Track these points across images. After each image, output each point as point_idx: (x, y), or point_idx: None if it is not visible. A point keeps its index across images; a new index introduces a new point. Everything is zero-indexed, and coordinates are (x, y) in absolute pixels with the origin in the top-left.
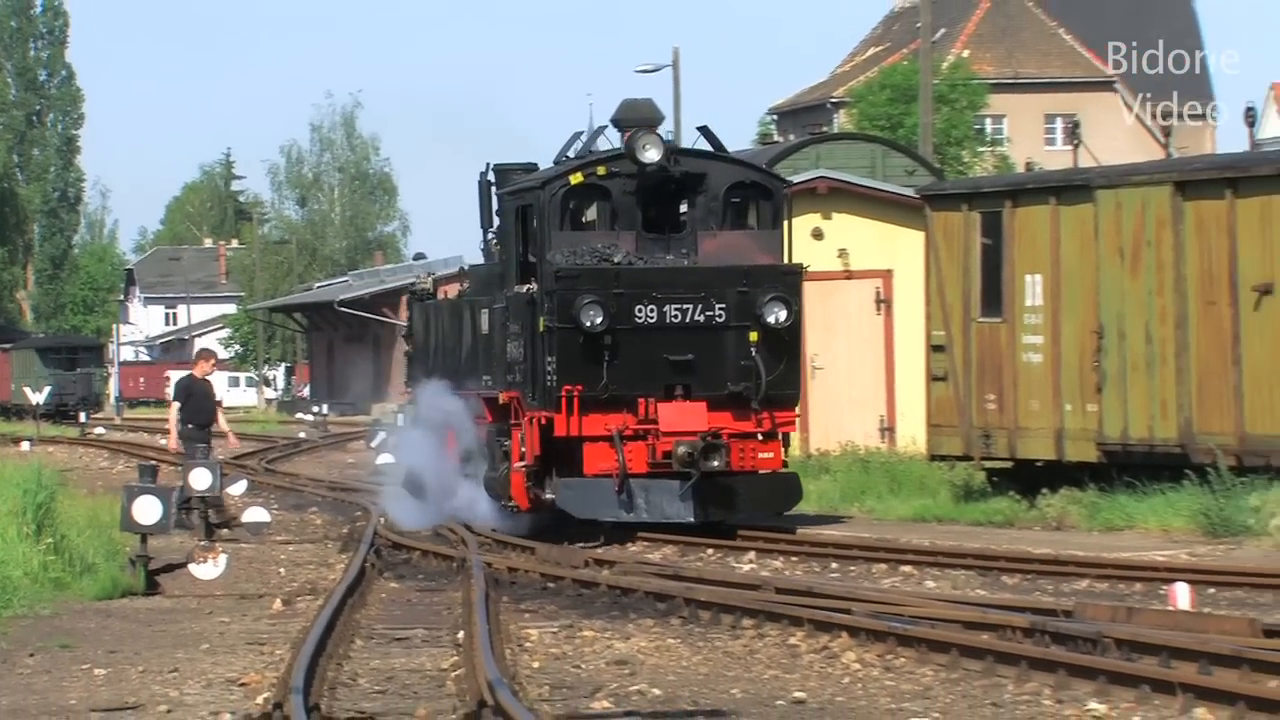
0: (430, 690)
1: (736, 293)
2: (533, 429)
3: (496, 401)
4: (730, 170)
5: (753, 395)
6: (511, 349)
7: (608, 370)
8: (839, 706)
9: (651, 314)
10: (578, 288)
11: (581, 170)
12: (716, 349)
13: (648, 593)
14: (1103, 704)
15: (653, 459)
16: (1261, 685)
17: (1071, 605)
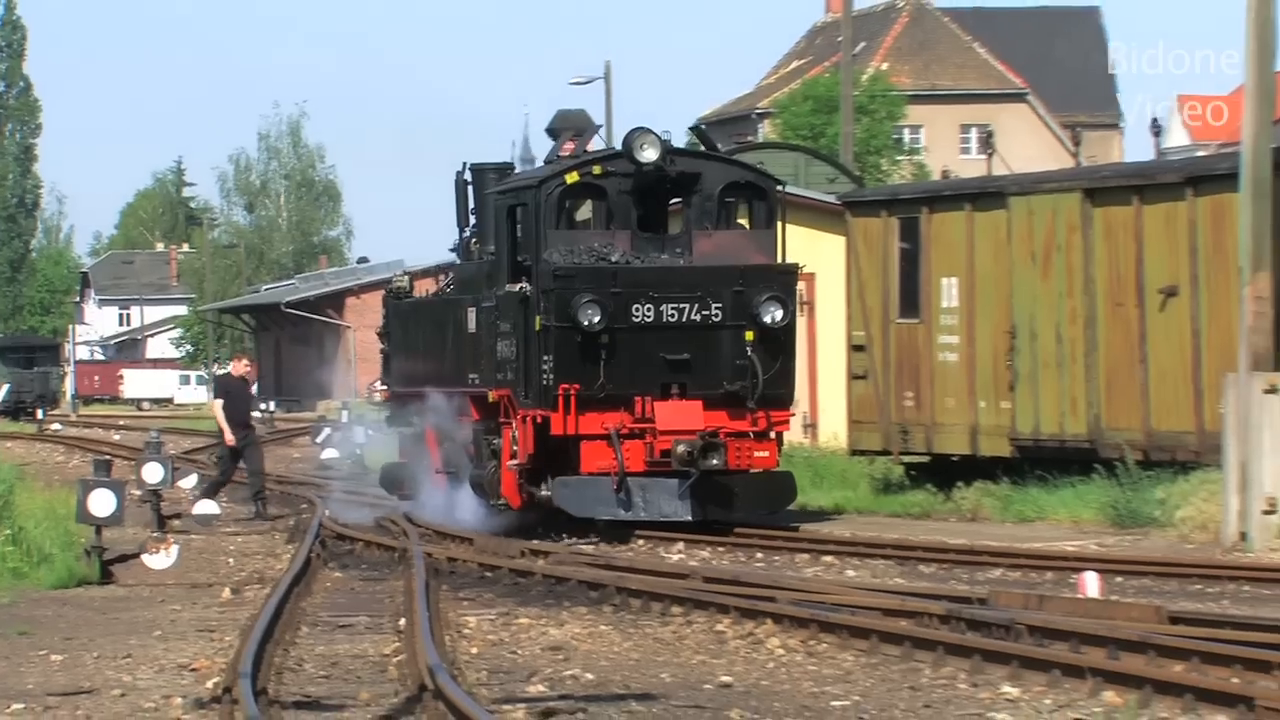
0: (373, 675)
1: (732, 292)
2: (527, 427)
3: (484, 400)
4: (725, 170)
5: (748, 395)
6: (502, 348)
7: (605, 369)
8: (764, 690)
9: (648, 313)
10: (575, 287)
11: (578, 169)
12: (712, 348)
13: (581, 581)
14: (1016, 687)
15: (650, 458)
16: (1167, 670)
17: (986, 593)
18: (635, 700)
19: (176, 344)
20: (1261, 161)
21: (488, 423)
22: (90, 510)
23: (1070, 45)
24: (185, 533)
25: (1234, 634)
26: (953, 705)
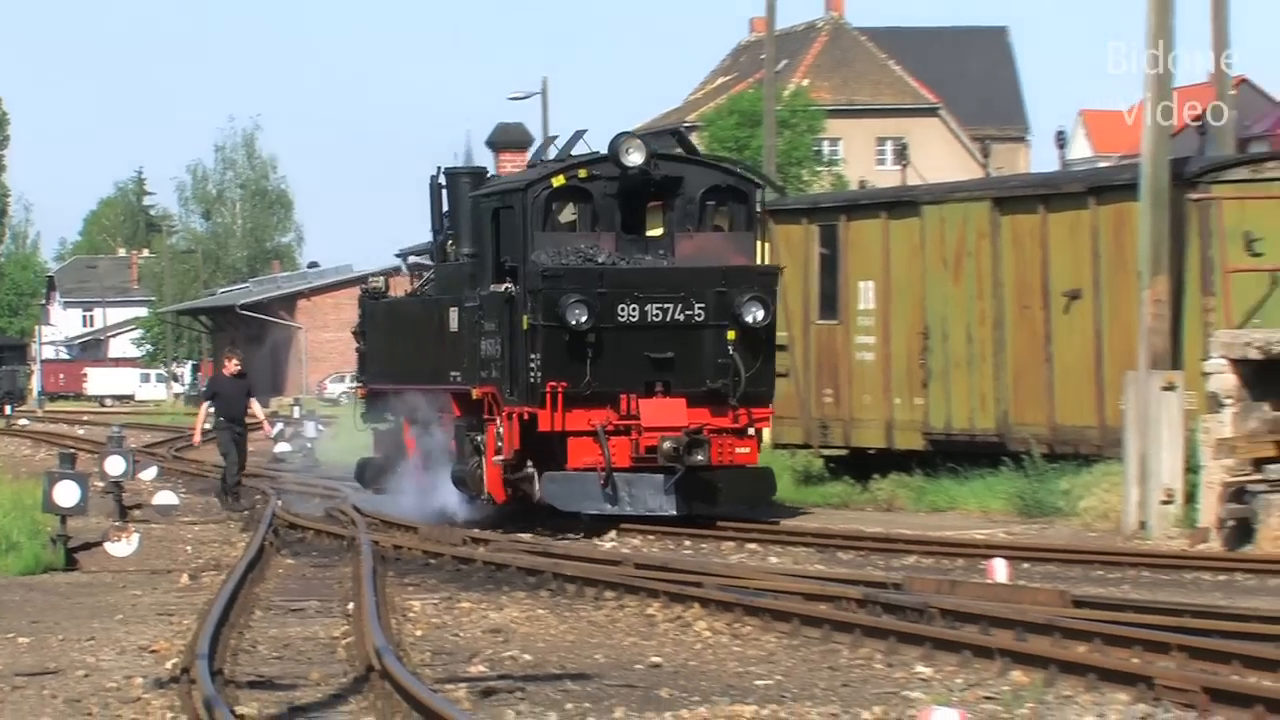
0: (323, 656)
1: (715, 293)
2: (512, 424)
3: (466, 397)
4: (706, 174)
5: (730, 392)
6: (486, 346)
7: (591, 367)
8: (691, 670)
9: (633, 313)
10: (563, 287)
11: (564, 173)
12: (695, 347)
13: (519, 568)
14: (929, 667)
15: (635, 454)
16: (1071, 651)
17: (900, 579)
18: (570, 680)
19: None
20: (1160, 172)
21: (470, 419)
22: (56, 501)
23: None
24: (145, 522)
25: (1134, 617)
26: (869, 684)
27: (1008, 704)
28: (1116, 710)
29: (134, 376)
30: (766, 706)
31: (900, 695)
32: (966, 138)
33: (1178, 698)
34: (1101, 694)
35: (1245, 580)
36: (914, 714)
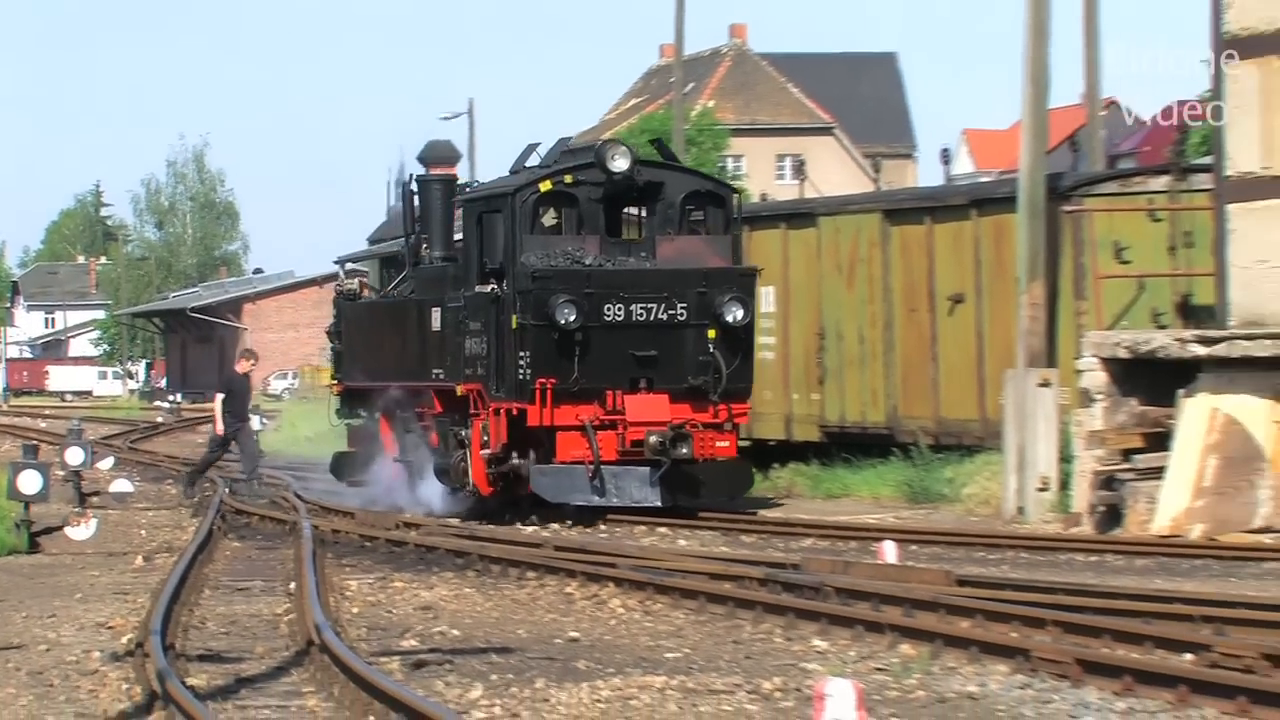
0: (267, 632)
1: (696, 293)
2: (500, 419)
3: (449, 393)
4: (686, 180)
5: (711, 389)
6: (471, 345)
7: (578, 365)
8: (607, 644)
9: (619, 312)
10: (552, 287)
11: (550, 178)
12: (678, 345)
13: (448, 550)
14: (824, 641)
15: (622, 447)
16: (955, 626)
17: (799, 560)
18: (495, 653)
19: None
20: (1036, 187)
21: (453, 415)
22: (19, 488)
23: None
24: (103, 508)
25: (1013, 595)
26: (770, 657)
27: (897, 675)
28: (997, 680)
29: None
30: (675, 678)
31: (798, 667)
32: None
33: (1053, 669)
34: (983, 665)
35: (1114, 561)
36: (811, 684)
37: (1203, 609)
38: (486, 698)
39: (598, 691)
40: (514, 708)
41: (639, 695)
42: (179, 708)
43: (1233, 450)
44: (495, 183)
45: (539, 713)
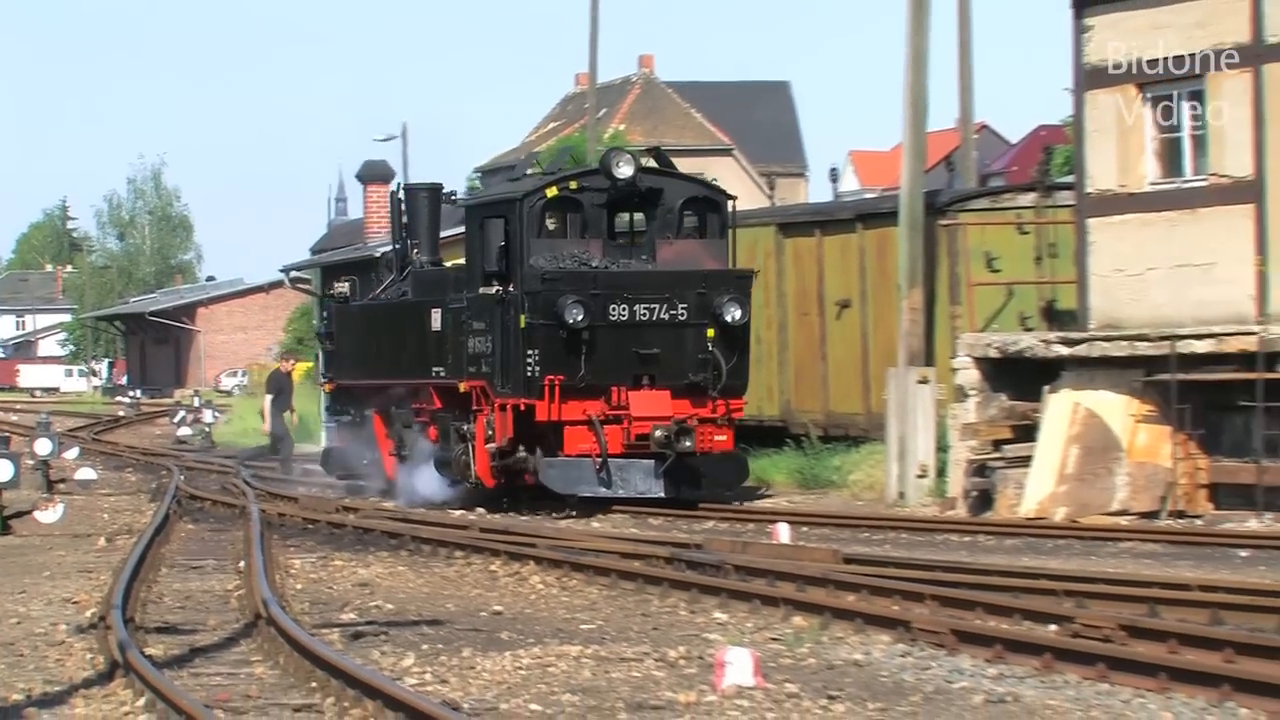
0: (219, 606)
1: (696, 294)
2: (505, 414)
3: (449, 390)
4: (685, 186)
5: (710, 385)
6: (475, 344)
7: (585, 362)
8: (528, 616)
9: (623, 312)
10: (560, 289)
11: (556, 185)
12: (678, 344)
13: (383, 531)
14: (725, 613)
15: (627, 441)
16: (842, 599)
17: (701, 540)
18: (426, 625)
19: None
20: (915, 203)
21: (453, 410)
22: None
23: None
24: (69, 494)
25: (895, 571)
26: (675, 628)
27: (790, 644)
28: (880, 649)
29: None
30: (590, 647)
31: (701, 637)
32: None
33: (931, 638)
34: (868, 635)
35: (986, 541)
36: (713, 653)
37: (1066, 584)
38: (418, 665)
39: (519, 660)
40: (443, 674)
41: (556, 663)
42: (138, 675)
43: (1092, 441)
44: (500, 189)
45: (466, 679)
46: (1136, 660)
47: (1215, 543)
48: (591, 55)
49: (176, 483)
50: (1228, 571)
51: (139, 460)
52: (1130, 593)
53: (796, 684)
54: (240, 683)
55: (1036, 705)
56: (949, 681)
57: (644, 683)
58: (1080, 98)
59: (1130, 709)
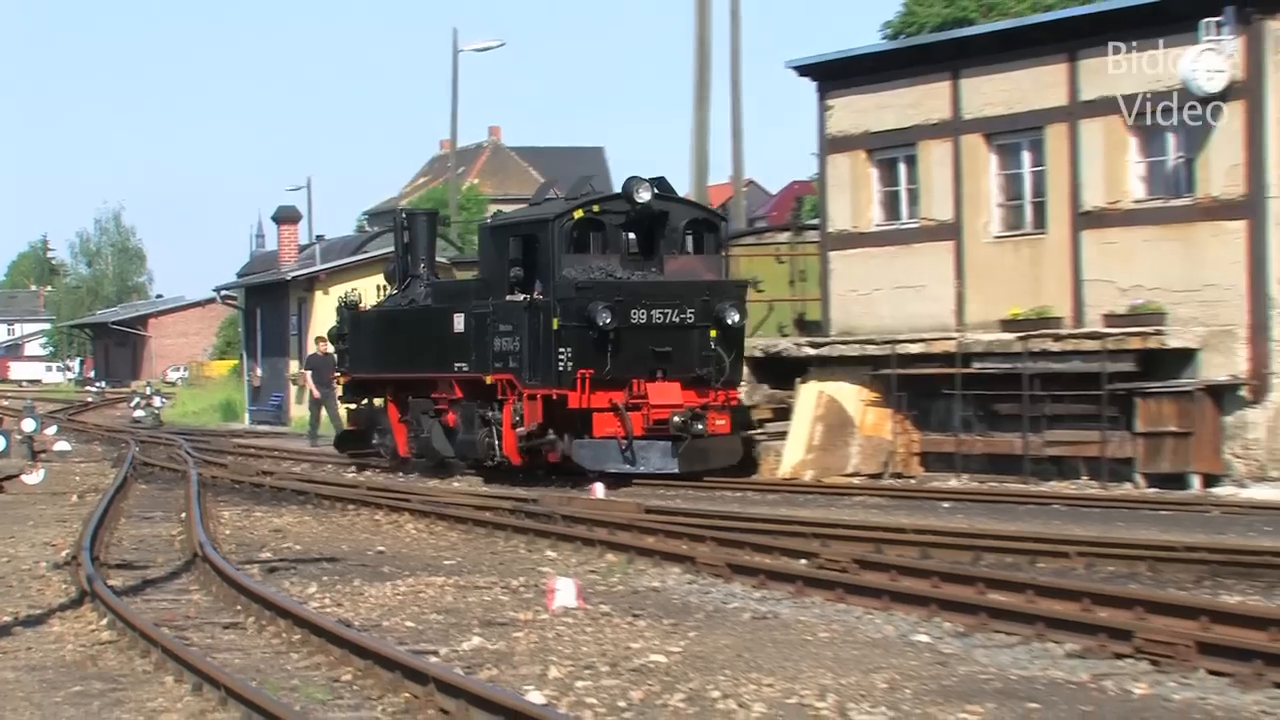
0: (166, 548)
1: (701, 300)
2: (535, 403)
3: (471, 382)
4: (687, 210)
5: (714, 378)
6: (501, 343)
7: (611, 358)
8: (404, 555)
9: (642, 316)
10: (591, 296)
11: (582, 207)
12: (686, 343)
13: (293, 490)
14: (554, 552)
15: (646, 425)
16: (643, 541)
17: (537, 496)
18: (325, 561)
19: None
20: None
21: (476, 400)
22: None
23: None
24: (49, 462)
25: (684, 519)
26: (517, 563)
27: (604, 575)
28: (673, 578)
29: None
30: (451, 577)
31: (536, 570)
32: None
33: (711, 570)
34: (663, 568)
35: (753, 496)
36: (545, 582)
37: (813, 529)
38: (319, 592)
39: (397, 588)
40: (338, 599)
41: (426, 590)
42: (102, 601)
43: (833, 420)
44: (531, 212)
45: (356, 603)
46: (866, 586)
47: (925, 497)
48: (452, 125)
49: (133, 453)
50: (934, 518)
51: (104, 435)
52: (862, 535)
53: (609, 605)
54: (181, 607)
55: (791, 620)
56: (725, 603)
57: (493, 605)
58: (823, 159)
59: (861, 623)
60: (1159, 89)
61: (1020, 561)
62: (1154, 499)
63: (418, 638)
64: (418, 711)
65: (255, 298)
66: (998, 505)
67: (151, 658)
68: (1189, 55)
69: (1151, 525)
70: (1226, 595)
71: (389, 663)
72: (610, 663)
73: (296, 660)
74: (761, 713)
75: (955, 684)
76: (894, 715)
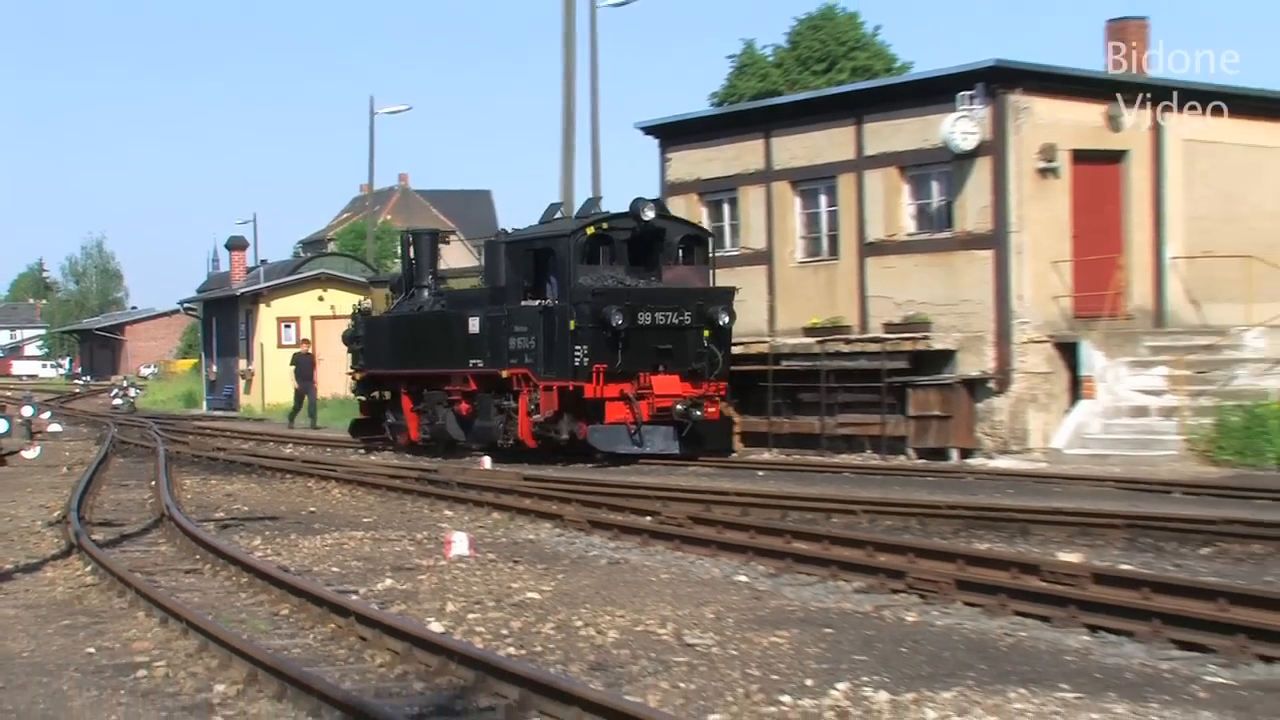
0: (139, 510)
1: (697, 304)
2: (551, 393)
3: (489, 377)
4: (681, 227)
5: (707, 371)
6: (516, 342)
7: (621, 354)
8: (331, 514)
9: (647, 318)
10: (605, 300)
11: (594, 224)
12: (684, 341)
13: (242, 463)
14: (451, 511)
15: (651, 412)
16: (521, 502)
17: (437, 467)
18: (267, 520)
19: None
20: None
21: (490, 392)
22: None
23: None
24: (44, 441)
25: (554, 485)
26: (421, 520)
27: (491, 530)
28: (545, 532)
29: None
30: (369, 532)
31: (437, 525)
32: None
33: (576, 526)
34: (538, 525)
35: (609, 467)
36: (443, 535)
37: (657, 492)
38: (262, 544)
39: (325, 540)
40: (278, 549)
41: (348, 542)
42: (87, 552)
43: None
44: (545, 228)
45: (292, 552)
46: (698, 537)
47: (744, 467)
48: (370, 172)
49: (112, 434)
50: (752, 484)
51: (88, 420)
52: (695, 497)
53: (494, 554)
54: (151, 556)
55: (639, 565)
56: (586, 551)
57: (402, 554)
58: (664, 200)
59: (695, 567)
60: (926, 147)
61: (818, 517)
62: (922, 468)
63: (342, 580)
64: (341, 638)
65: (211, 309)
66: (801, 473)
67: (127, 597)
68: (948, 121)
69: (920, 489)
70: (978, 543)
71: (318, 600)
72: (495, 599)
73: (244, 599)
74: (615, 638)
75: (768, 614)
76: (720, 639)
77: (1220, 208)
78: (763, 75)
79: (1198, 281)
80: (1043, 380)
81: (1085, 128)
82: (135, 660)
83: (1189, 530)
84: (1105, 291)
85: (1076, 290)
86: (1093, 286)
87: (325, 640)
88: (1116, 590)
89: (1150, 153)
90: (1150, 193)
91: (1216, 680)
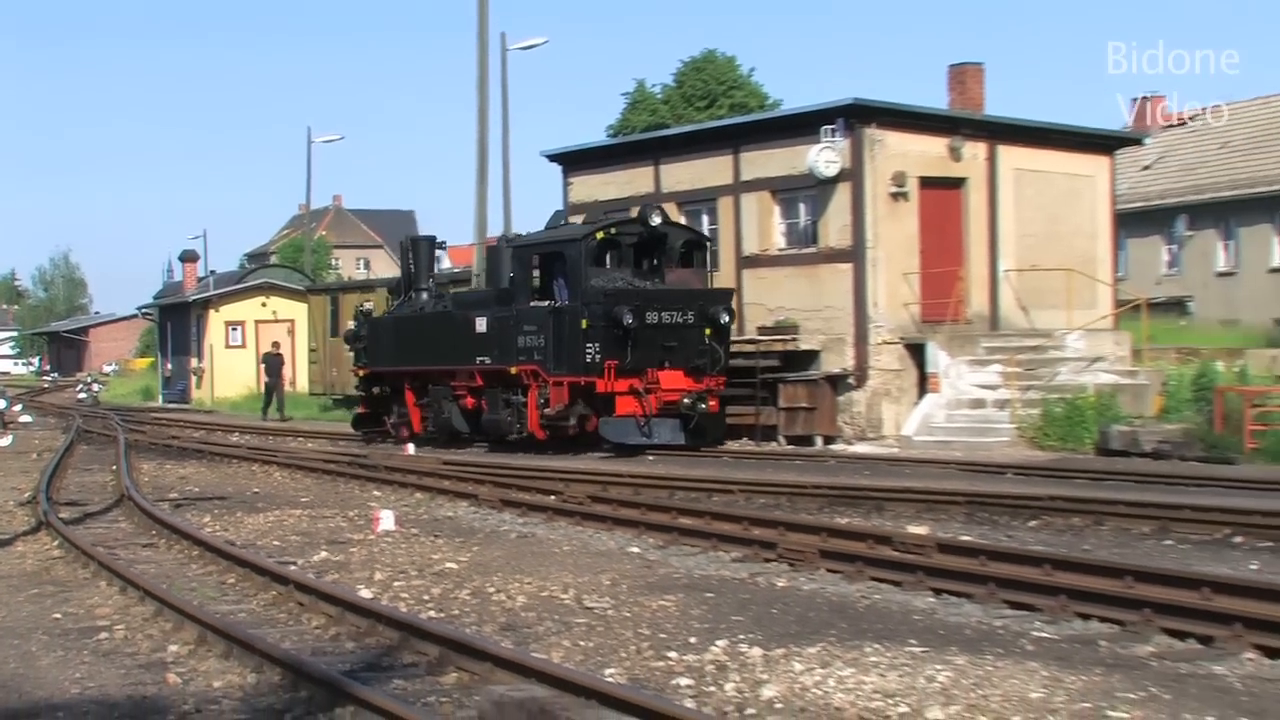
0: (101, 491)
1: (698, 305)
2: (562, 388)
3: (497, 373)
4: (682, 232)
5: (708, 368)
6: (525, 340)
7: (630, 351)
8: (272, 494)
9: (654, 317)
10: (617, 300)
11: (603, 230)
12: (687, 339)
13: (194, 449)
14: (379, 492)
15: (660, 405)
16: (441, 484)
17: (368, 453)
18: (217, 499)
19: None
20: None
21: (498, 387)
22: None
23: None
24: (16, 430)
25: (471, 468)
26: (354, 500)
27: (414, 508)
28: (462, 510)
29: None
30: (307, 510)
31: (366, 504)
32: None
33: (489, 505)
34: (456, 504)
35: (519, 453)
36: (372, 512)
37: (560, 475)
38: (211, 521)
39: (268, 518)
40: (226, 525)
41: (288, 519)
42: (54, 529)
43: None
44: (555, 234)
45: (238, 528)
46: (596, 514)
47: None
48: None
49: (78, 424)
50: (643, 467)
51: (56, 411)
52: (593, 479)
53: (417, 529)
54: (113, 533)
55: (544, 538)
56: (498, 527)
57: (336, 529)
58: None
59: (595, 540)
60: (794, 173)
61: (701, 496)
62: (791, 453)
63: (282, 552)
64: (281, 604)
65: (166, 314)
66: (686, 458)
67: (90, 568)
68: (814, 151)
69: (790, 471)
70: (839, 518)
71: (261, 570)
72: (418, 568)
73: (195, 570)
74: (523, 602)
75: (657, 581)
76: (614, 602)
77: (1045, 228)
78: (653, 110)
79: (1026, 291)
80: (895, 376)
81: (931, 158)
82: (97, 624)
83: (1019, 506)
84: (948, 299)
85: (924, 298)
86: (937, 295)
87: (267, 605)
88: (957, 558)
89: (986, 180)
90: (986, 214)
91: (1042, 635)
